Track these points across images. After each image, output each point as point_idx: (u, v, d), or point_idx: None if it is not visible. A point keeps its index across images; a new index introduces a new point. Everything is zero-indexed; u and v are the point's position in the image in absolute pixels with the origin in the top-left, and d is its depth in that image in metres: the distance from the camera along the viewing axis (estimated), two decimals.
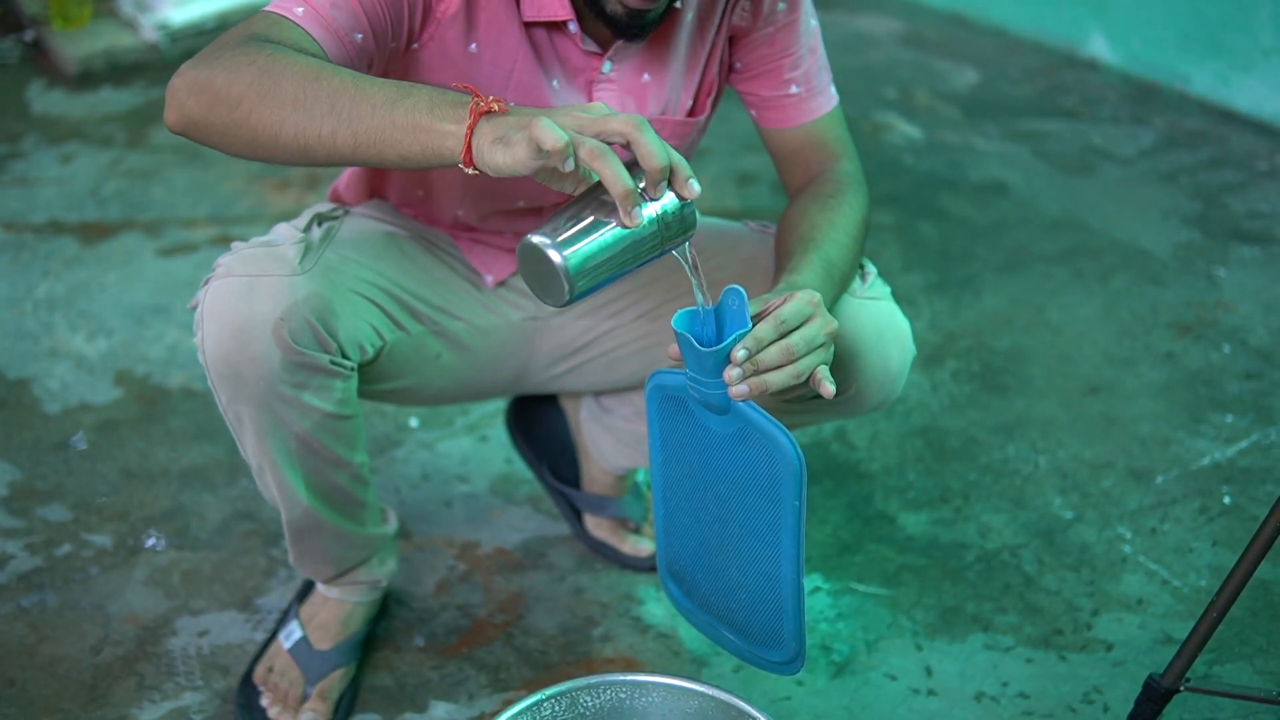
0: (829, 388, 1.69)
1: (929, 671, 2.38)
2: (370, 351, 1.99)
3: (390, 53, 1.88)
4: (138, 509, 2.74)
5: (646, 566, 2.58)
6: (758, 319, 1.66)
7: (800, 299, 1.69)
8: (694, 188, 1.58)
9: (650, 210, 1.57)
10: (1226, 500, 2.80)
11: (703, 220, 2.34)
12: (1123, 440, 2.99)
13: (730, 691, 1.87)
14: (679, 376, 1.75)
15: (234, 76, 1.65)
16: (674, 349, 1.70)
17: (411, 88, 1.63)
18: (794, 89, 2.11)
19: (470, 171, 1.58)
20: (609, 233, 1.57)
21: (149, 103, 4.74)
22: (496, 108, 1.58)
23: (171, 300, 3.48)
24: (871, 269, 2.05)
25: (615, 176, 1.52)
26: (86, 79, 4.93)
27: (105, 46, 5.01)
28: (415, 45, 1.91)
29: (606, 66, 1.99)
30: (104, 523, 2.70)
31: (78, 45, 5.01)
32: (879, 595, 2.54)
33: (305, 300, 1.87)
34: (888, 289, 2.05)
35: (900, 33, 5.50)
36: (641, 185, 1.56)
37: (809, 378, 1.70)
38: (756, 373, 1.65)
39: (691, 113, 2.12)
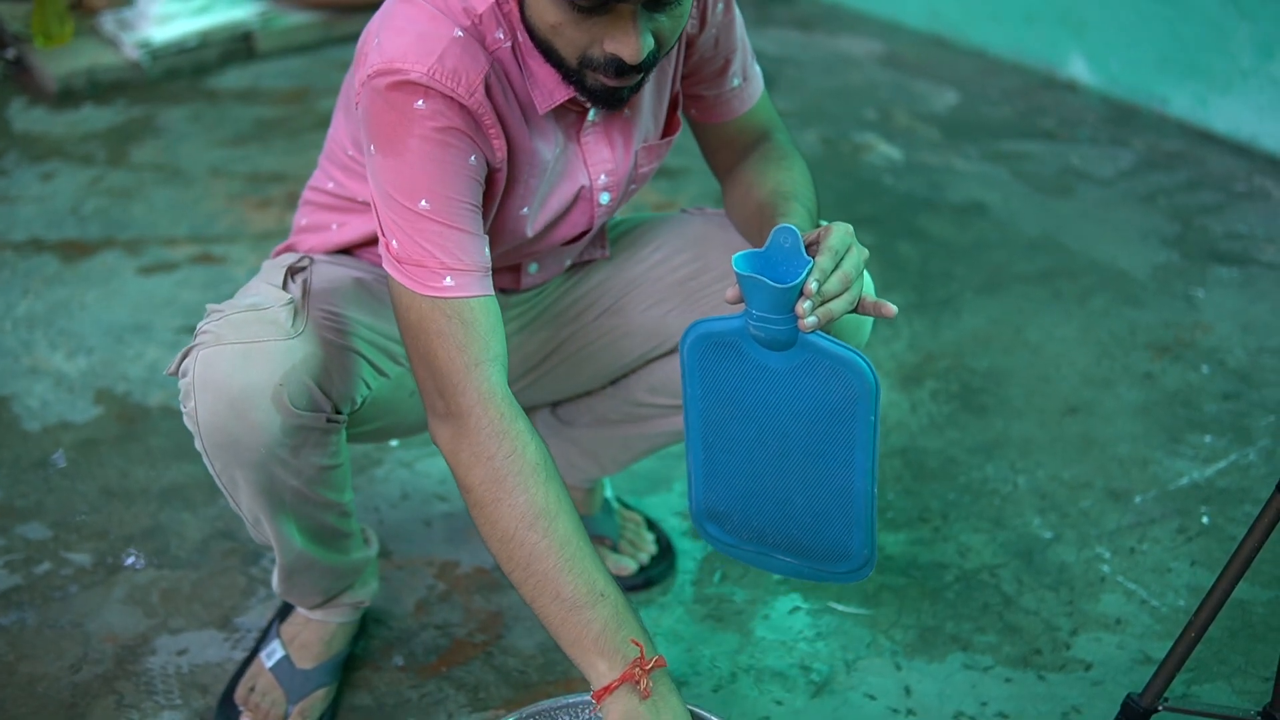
0: (891, 308, 1.79)
1: (908, 691, 2.38)
2: (359, 402, 2.01)
3: None
4: (117, 527, 2.74)
5: (627, 586, 2.58)
6: (806, 253, 1.75)
7: (840, 229, 1.77)
8: None
9: None
10: (1205, 520, 2.81)
11: (635, 215, 2.39)
12: (1101, 460, 3.00)
13: (709, 710, 1.87)
14: (731, 321, 1.81)
15: (473, 466, 1.82)
16: (733, 292, 1.77)
17: (601, 597, 1.76)
18: (735, 81, 2.16)
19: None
20: None
21: (130, 121, 4.74)
22: (642, 686, 1.69)
23: (151, 319, 3.48)
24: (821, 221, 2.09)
25: None
26: (68, 97, 4.93)
27: (87, 65, 5.00)
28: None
29: (592, 114, 2.00)
30: (83, 541, 2.70)
31: (59, 63, 5.01)
32: (858, 615, 2.55)
33: (303, 363, 1.87)
34: None
35: (880, 54, 5.52)
36: None
37: (860, 305, 1.79)
38: (822, 303, 1.73)
39: (667, 131, 2.14)
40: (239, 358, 1.85)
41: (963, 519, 2.81)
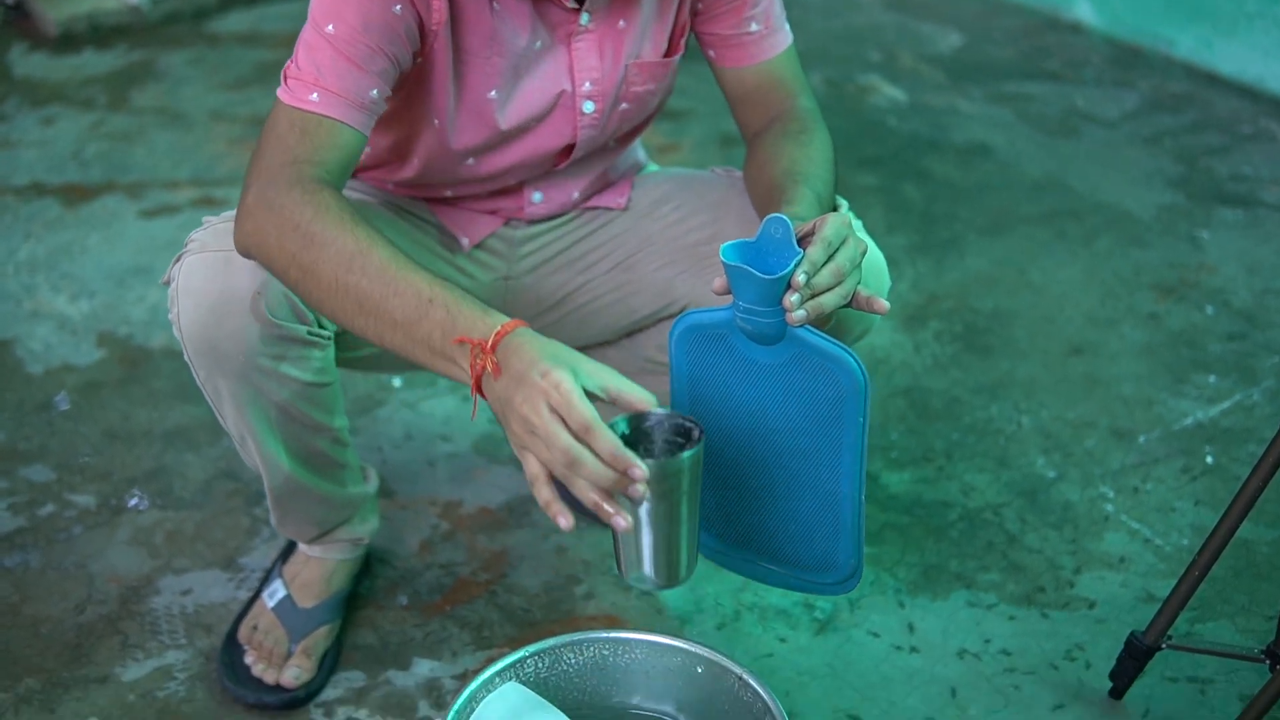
0: (884, 304, 1.75)
1: (911, 629, 2.39)
2: None
3: (404, 75, 1.93)
4: (120, 469, 2.74)
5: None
6: (800, 244, 1.69)
7: (836, 220, 1.72)
8: (638, 474, 1.57)
9: (650, 494, 1.62)
10: (1209, 460, 2.81)
11: (666, 170, 2.36)
12: (1105, 400, 2.99)
13: (712, 648, 1.87)
14: (720, 313, 1.76)
15: (283, 240, 1.74)
16: (720, 283, 1.72)
17: (430, 303, 1.68)
18: (754, 26, 2.11)
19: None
20: (644, 535, 1.68)
21: (130, 65, 4.72)
22: (490, 367, 1.64)
23: (153, 262, 3.47)
24: (842, 202, 2.05)
25: (607, 518, 1.60)
26: (68, 41, 4.91)
27: (87, 9, 4.98)
28: (419, 59, 1.93)
29: (584, 18, 1.99)
30: (87, 483, 2.70)
31: (60, 8, 4.98)
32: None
33: None
34: (859, 221, 2.05)
35: None
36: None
37: (853, 299, 1.74)
38: (812, 296, 1.68)
39: (667, 53, 2.12)
40: (220, 264, 1.86)
41: (967, 458, 2.80)
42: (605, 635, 1.94)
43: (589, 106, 2.06)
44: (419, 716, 2.20)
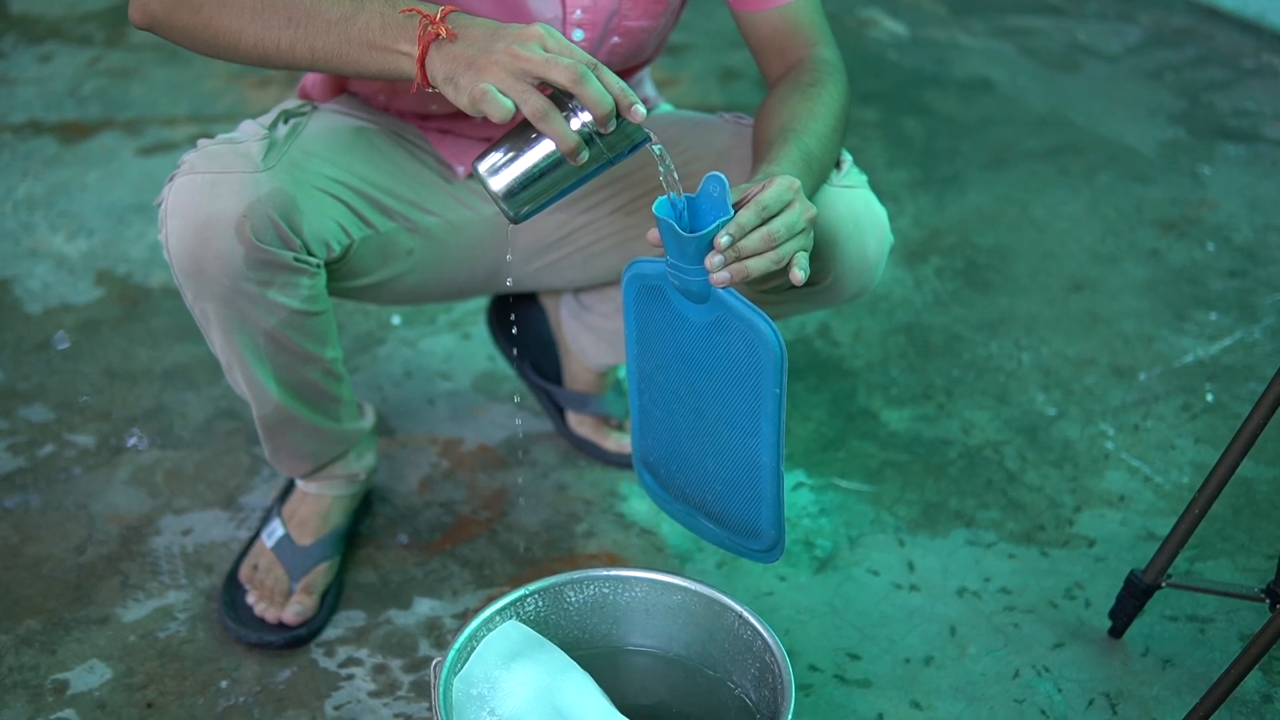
0: (799, 274, 1.69)
1: (911, 567, 2.39)
2: (337, 249, 1.98)
3: None
4: (120, 408, 2.74)
5: (629, 463, 2.58)
6: (738, 206, 1.66)
7: (780, 184, 1.68)
8: (639, 113, 1.63)
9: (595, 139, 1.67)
10: (1209, 397, 2.80)
11: (676, 112, 2.33)
12: (1106, 337, 2.99)
13: (713, 586, 1.87)
14: (658, 264, 1.75)
15: None
16: (654, 235, 1.70)
17: (364, 0, 1.69)
18: None
19: (431, 90, 1.67)
20: (552, 163, 1.69)
21: (128, 1, 4.69)
22: (444, 32, 1.63)
23: (152, 199, 3.43)
24: (847, 157, 2.02)
25: (560, 136, 1.62)
26: None
27: None
28: None
29: None
30: (86, 422, 2.70)
31: None
32: (862, 491, 2.55)
33: (268, 197, 1.86)
34: (864, 177, 2.03)
35: None
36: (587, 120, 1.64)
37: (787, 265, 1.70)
38: (738, 259, 1.65)
39: None
40: (207, 187, 1.86)
41: (967, 395, 2.80)
42: (606, 573, 1.94)
43: (578, 35, 2.03)
44: (420, 655, 2.20)
